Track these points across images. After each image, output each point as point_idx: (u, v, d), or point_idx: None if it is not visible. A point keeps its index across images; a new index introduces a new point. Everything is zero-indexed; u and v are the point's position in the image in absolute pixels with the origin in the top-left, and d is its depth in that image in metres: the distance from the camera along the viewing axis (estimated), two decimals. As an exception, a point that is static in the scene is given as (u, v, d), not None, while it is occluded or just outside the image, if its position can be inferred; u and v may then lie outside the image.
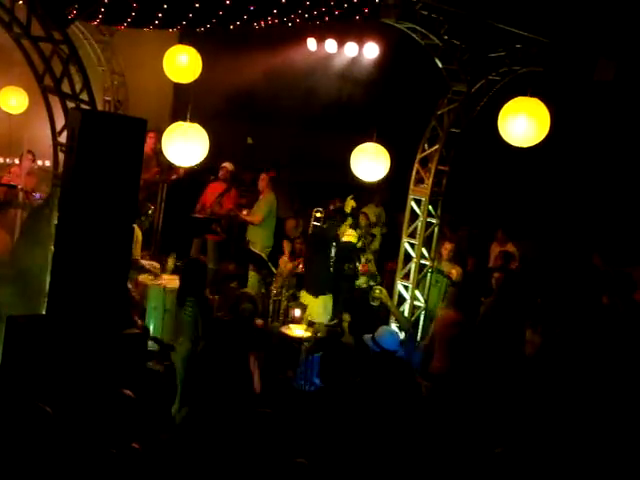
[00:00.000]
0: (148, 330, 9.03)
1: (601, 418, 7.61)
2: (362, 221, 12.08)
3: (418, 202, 10.00)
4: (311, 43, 14.69)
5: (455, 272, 10.65)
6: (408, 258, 10.14)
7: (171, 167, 11.64)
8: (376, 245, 12.77)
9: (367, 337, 8.68)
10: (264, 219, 12.08)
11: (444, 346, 8.84)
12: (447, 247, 10.68)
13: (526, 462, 6.23)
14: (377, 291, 9.33)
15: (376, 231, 12.75)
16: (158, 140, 11.22)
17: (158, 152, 11.39)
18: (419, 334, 10.05)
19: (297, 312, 9.63)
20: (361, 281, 11.42)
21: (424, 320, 10.10)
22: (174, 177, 12.92)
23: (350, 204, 13.12)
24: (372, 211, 13.14)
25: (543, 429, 7.35)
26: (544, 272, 10.82)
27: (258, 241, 11.92)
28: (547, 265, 11.23)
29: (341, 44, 14.74)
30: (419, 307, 10.13)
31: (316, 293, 10.25)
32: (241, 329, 8.30)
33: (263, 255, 11.29)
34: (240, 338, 8.21)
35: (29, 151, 12.40)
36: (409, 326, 9.75)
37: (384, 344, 8.30)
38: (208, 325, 8.50)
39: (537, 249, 11.73)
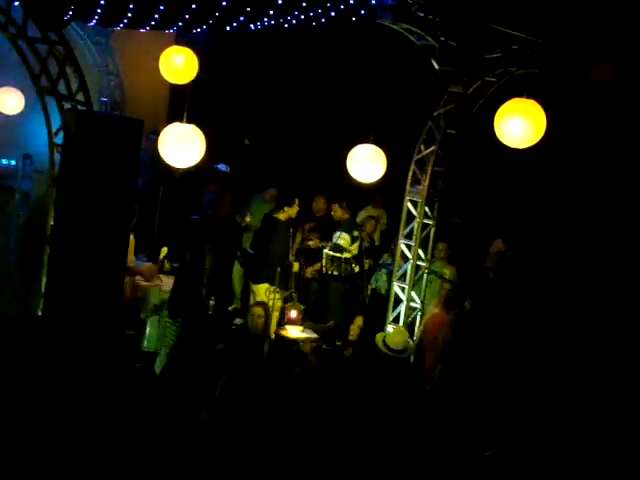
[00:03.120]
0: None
1: (594, 417, 7.63)
2: (369, 226, 12.08)
3: (414, 203, 10.01)
4: (308, 44, 14.67)
5: (448, 272, 10.65)
6: (404, 259, 10.16)
7: None
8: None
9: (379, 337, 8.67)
10: None
11: (435, 345, 8.87)
12: (439, 247, 10.66)
13: (516, 464, 6.24)
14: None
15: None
16: None
17: None
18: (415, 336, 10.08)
19: (293, 313, 9.62)
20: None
21: (420, 321, 10.11)
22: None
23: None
24: (369, 213, 13.11)
25: (533, 431, 7.37)
26: (538, 272, 10.83)
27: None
28: (542, 266, 11.22)
29: (338, 45, 14.73)
30: (415, 308, 10.14)
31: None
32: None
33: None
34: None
35: (26, 154, 12.42)
36: None
37: (391, 344, 8.30)
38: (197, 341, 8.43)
39: (532, 249, 11.72)
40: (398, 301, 10.22)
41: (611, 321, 8.96)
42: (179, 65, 11.16)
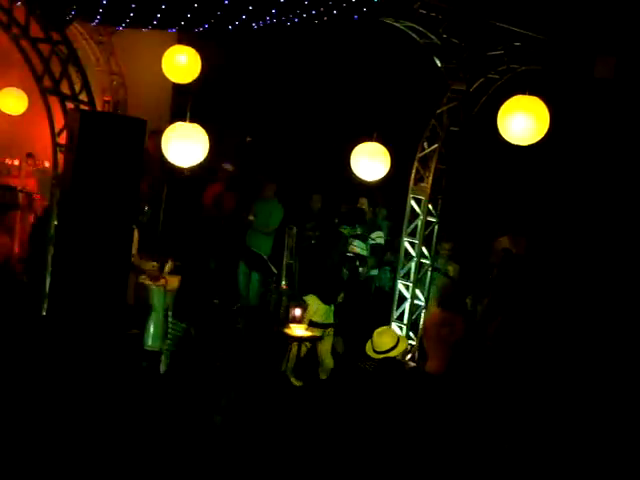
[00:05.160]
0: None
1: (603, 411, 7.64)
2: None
3: (418, 201, 10.01)
4: (310, 42, 14.66)
5: (452, 269, 10.65)
6: (408, 257, 10.16)
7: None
8: None
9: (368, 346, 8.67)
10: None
11: (437, 345, 8.88)
12: (445, 246, 10.66)
13: (532, 457, 6.23)
14: None
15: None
16: None
17: None
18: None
19: (297, 312, 9.62)
20: None
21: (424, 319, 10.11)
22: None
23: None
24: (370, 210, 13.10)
25: (547, 424, 7.37)
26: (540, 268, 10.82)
27: (263, 249, 11.89)
28: (544, 261, 11.22)
29: (340, 43, 14.72)
30: (419, 306, 10.14)
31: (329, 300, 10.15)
32: None
33: (264, 256, 11.30)
34: None
35: (29, 154, 12.43)
36: None
37: (378, 347, 8.29)
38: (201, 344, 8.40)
39: (535, 246, 11.70)
40: (402, 299, 10.23)
41: (615, 317, 8.96)
42: (182, 64, 11.18)
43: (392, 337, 8.12)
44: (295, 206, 12.70)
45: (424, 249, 10.06)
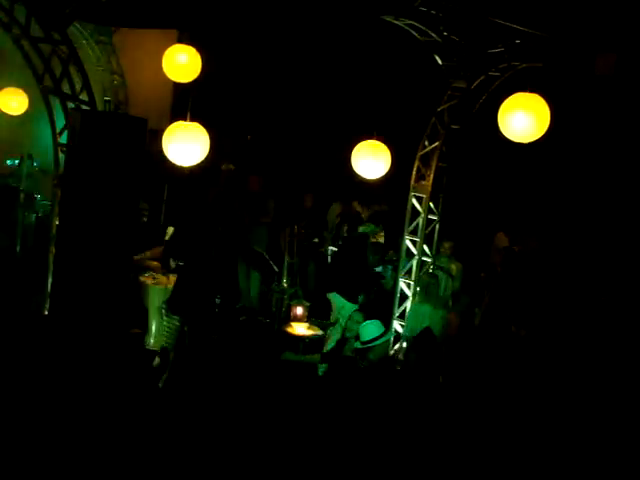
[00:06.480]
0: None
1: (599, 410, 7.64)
2: None
3: (419, 199, 10.01)
4: (310, 41, 14.65)
5: (455, 267, 10.66)
6: (410, 255, 10.16)
7: None
8: None
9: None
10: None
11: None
12: (446, 245, 10.66)
13: (528, 458, 6.23)
14: None
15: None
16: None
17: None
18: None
19: (299, 310, 9.62)
20: None
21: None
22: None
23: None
24: (375, 208, 13.09)
25: (543, 424, 7.37)
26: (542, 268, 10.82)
27: (263, 241, 11.95)
28: (546, 261, 11.21)
29: (341, 41, 14.71)
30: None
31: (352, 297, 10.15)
32: None
33: (265, 254, 11.29)
34: None
35: (29, 154, 12.42)
36: None
37: (363, 337, 8.29)
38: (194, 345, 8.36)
39: (537, 245, 11.69)
40: (404, 297, 10.23)
41: (617, 315, 8.95)
42: (182, 63, 11.15)
43: (378, 327, 8.09)
44: (294, 205, 12.73)
45: (425, 247, 10.07)
